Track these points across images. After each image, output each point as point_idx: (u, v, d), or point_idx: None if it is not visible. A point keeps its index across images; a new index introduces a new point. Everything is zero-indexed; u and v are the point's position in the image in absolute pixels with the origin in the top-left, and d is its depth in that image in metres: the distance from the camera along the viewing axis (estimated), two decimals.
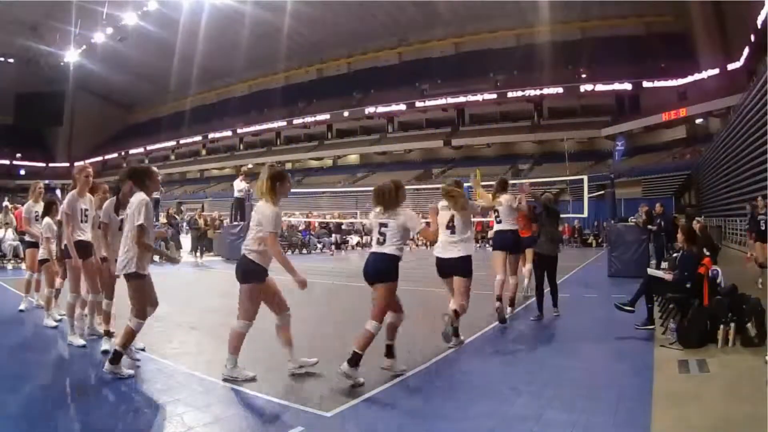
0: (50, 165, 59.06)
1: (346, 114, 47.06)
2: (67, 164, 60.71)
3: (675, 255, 6.53)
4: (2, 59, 47.39)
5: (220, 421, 3.09)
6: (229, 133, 53.04)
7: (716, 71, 31.45)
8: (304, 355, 4.03)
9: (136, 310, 3.82)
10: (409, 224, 3.97)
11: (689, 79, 33.30)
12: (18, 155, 56.52)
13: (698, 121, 33.54)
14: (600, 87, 37.25)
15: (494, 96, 41.18)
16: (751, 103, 17.14)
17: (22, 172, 56.55)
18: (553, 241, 6.23)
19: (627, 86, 36.62)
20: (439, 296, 4.96)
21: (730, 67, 30.15)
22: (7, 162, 55.32)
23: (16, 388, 3.59)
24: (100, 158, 61.09)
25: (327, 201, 31.73)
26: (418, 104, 43.80)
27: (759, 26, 25.18)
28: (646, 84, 35.75)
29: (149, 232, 3.82)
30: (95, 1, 37.48)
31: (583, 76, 38.08)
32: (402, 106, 44.34)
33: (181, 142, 55.83)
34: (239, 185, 14.50)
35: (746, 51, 27.99)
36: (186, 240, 15.68)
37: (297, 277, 3.71)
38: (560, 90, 38.47)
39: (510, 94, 40.42)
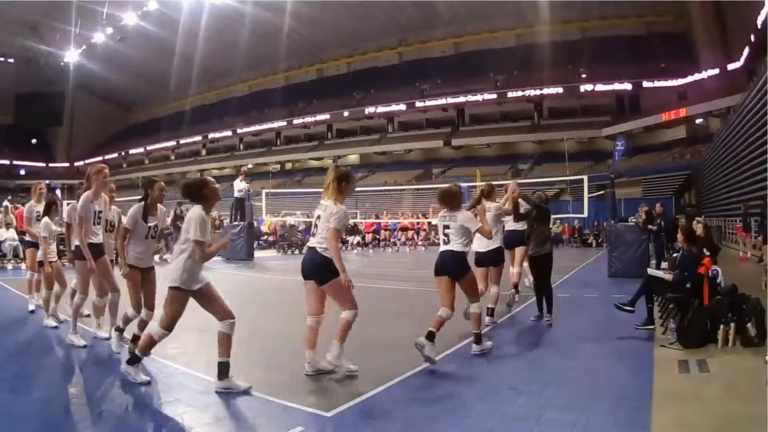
0: (50, 165, 59.10)
1: (346, 114, 47.05)
2: (67, 164, 60.78)
3: (675, 255, 6.52)
4: (2, 59, 47.40)
5: (220, 421, 3.09)
6: (229, 133, 53.04)
7: (716, 71, 31.46)
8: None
9: (165, 320, 3.61)
10: (467, 224, 4.36)
11: (689, 79, 33.31)
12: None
13: (698, 121, 33.56)
14: (600, 87, 37.26)
15: (494, 96, 41.19)
16: (751, 103, 17.13)
17: (22, 172, 56.58)
18: (545, 241, 5.91)
19: (627, 86, 36.63)
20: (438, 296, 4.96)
21: (730, 67, 30.16)
22: (7, 162, 55.32)
23: (15, 389, 3.59)
24: (100, 158, 60.98)
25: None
26: (418, 104, 43.80)
27: (759, 26, 25.20)
28: (646, 84, 35.76)
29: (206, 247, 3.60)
30: (95, 1, 37.49)
31: (583, 76, 38.09)
32: (402, 106, 44.34)
33: (181, 142, 55.82)
34: (239, 185, 14.50)
35: (746, 51, 28.00)
36: None
37: (345, 276, 3.80)
38: (560, 90, 38.47)
39: (510, 94, 40.43)
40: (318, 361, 3.91)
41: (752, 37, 26.60)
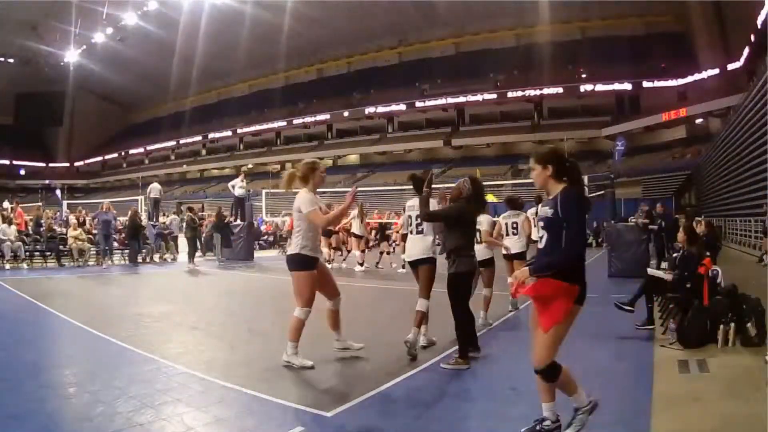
0: (50, 165, 59.11)
1: (346, 114, 47.07)
2: (67, 164, 60.78)
3: (675, 255, 6.52)
4: (2, 59, 47.41)
5: (220, 421, 3.09)
6: (229, 133, 53.07)
7: (716, 71, 31.47)
8: (308, 354, 4.04)
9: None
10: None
11: (689, 79, 33.31)
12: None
13: (698, 121, 33.55)
14: (600, 87, 37.27)
15: (494, 96, 41.20)
16: (751, 103, 17.12)
17: (22, 172, 56.60)
18: (457, 251, 4.21)
19: (627, 86, 36.64)
20: (436, 296, 4.95)
21: (730, 67, 30.17)
22: (7, 162, 55.33)
23: (15, 387, 3.58)
24: (100, 158, 61.15)
25: (327, 201, 31.72)
26: (418, 104, 43.83)
27: (759, 26, 25.20)
28: (646, 84, 35.78)
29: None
30: (95, 1, 37.51)
31: (583, 76, 38.10)
32: (402, 106, 44.36)
33: (181, 142, 55.85)
34: (239, 185, 14.52)
35: (746, 51, 28.00)
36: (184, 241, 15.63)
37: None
38: (560, 90, 38.49)
39: (510, 94, 40.44)
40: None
41: (752, 37, 26.60)
